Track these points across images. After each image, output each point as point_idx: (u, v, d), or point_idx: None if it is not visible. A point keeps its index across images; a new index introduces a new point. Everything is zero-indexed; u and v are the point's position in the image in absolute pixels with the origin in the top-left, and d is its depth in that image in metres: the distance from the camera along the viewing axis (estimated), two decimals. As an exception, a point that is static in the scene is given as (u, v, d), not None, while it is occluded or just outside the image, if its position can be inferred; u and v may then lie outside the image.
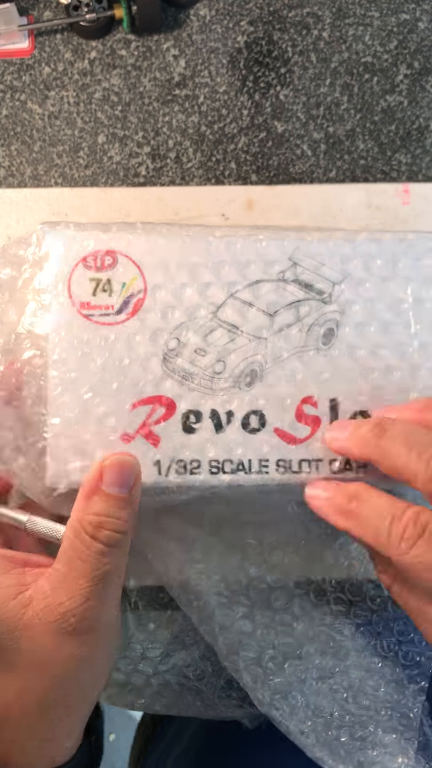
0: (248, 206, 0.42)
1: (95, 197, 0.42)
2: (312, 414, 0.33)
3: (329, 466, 0.33)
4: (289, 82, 0.43)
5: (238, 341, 0.33)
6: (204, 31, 0.43)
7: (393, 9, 0.44)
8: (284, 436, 0.33)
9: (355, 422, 0.31)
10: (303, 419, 0.33)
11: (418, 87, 0.43)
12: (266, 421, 0.33)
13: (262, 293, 0.33)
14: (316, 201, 0.42)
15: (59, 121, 0.42)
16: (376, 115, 0.43)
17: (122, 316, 0.32)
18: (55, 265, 0.32)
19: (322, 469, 0.32)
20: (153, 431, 0.32)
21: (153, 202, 0.42)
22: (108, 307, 0.32)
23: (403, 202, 0.42)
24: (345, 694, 0.37)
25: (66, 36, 0.43)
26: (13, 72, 0.42)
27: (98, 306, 0.32)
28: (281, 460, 0.32)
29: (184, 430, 0.32)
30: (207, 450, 0.32)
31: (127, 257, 0.33)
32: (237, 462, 0.32)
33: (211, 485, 0.32)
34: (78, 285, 0.32)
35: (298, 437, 0.33)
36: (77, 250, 0.33)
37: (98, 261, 0.33)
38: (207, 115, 0.43)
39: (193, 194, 0.42)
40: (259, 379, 0.33)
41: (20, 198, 0.42)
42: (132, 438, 0.32)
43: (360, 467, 0.32)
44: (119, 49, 0.43)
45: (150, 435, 0.32)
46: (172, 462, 0.32)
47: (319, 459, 0.33)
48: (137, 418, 0.32)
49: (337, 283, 0.34)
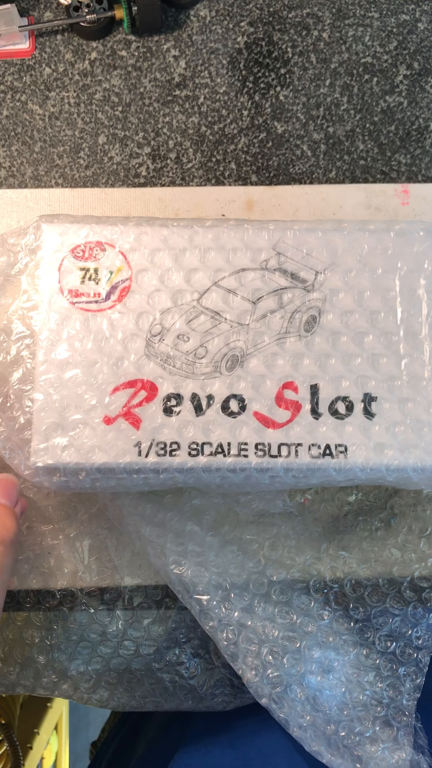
0: (248, 207, 0.42)
1: (96, 198, 0.42)
2: (292, 399, 0.33)
3: (308, 451, 0.33)
4: (289, 83, 0.43)
5: (221, 327, 0.34)
6: (204, 32, 0.43)
7: (393, 10, 0.44)
8: (264, 420, 0.33)
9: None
10: (283, 404, 0.33)
11: (418, 87, 0.43)
12: (246, 405, 0.33)
13: (245, 281, 0.34)
14: (316, 201, 0.42)
15: (60, 122, 0.42)
16: (376, 115, 0.43)
17: (108, 303, 0.34)
18: (46, 255, 0.34)
19: (301, 454, 0.33)
20: (134, 413, 0.33)
21: (153, 202, 0.42)
22: (95, 294, 0.34)
23: (403, 203, 0.43)
24: (343, 689, 0.37)
25: (66, 37, 0.43)
26: (13, 73, 0.42)
27: (85, 293, 0.34)
28: (260, 443, 0.33)
29: (164, 413, 0.33)
30: (187, 432, 0.33)
31: (114, 247, 0.34)
32: (216, 445, 0.33)
33: (189, 467, 0.33)
34: (67, 273, 0.34)
35: (277, 422, 0.33)
36: (68, 240, 0.34)
37: (87, 251, 0.34)
38: (207, 116, 0.43)
39: (193, 195, 0.42)
40: (240, 365, 0.34)
41: (21, 198, 0.42)
42: (113, 419, 0.33)
43: (340, 453, 0.33)
44: (120, 50, 0.43)
45: (131, 417, 0.33)
46: (152, 443, 0.33)
47: (299, 444, 0.33)
48: (119, 400, 0.33)
49: (321, 271, 0.34)
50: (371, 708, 0.37)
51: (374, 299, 0.34)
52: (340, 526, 0.39)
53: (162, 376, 0.33)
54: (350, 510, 0.40)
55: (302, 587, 0.38)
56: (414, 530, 0.39)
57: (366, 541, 0.39)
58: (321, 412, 0.33)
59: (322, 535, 0.39)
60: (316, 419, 0.33)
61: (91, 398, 0.33)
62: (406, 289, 0.34)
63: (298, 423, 0.33)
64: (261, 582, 0.38)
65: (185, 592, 0.36)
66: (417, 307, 0.34)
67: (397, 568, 0.39)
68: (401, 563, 0.39)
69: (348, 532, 0.39)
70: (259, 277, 0.34)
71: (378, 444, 0.33)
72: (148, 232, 0.34)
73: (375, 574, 0.39)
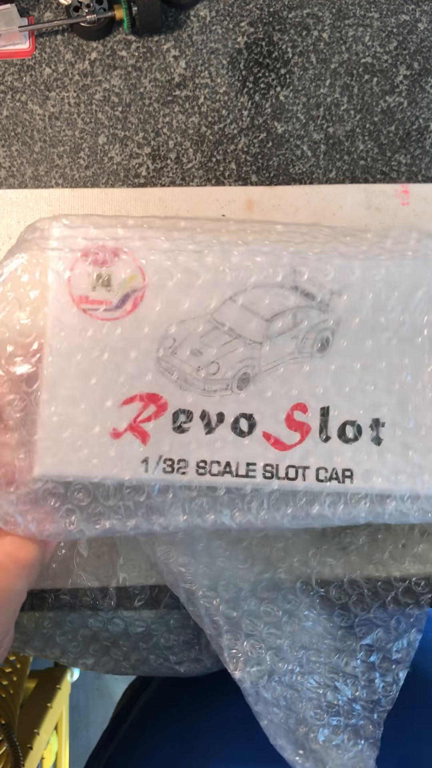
0: (248, 207, 0.42)
1: (96, 198, 0.42)
2: (302, 421, 0.33)
3: (315, 473, 0.32)
4: (289, 83, 0.43)
5: (234, 344, 0.33)
6: (204, 32, 0.43)
7: (393, 10, 0.44)
8: (273, 441, 0.33)
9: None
10: (293, 425, 0.33)
11: (418, 88, 0.43)
12: (256, 425, 0.33)
13: (260, 298, 0.33)
14: (316, 201, 0.42)
15: (60, 122, 0.42)
16: (376, 115, 0.43)
17: (120, 312, 0.32)
18: (56, 258, 0.32)
19: (309, 477, 0.32)
20: (143, 428, 0.32)
21: (153, 202, 0.42)
22: (107, 302, 0.32)
23: (403, 203, 0.43)
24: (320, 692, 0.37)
25: (66, 37, 0.43)
26: (13, 73, 0.42)
27: (97, 301, 0.32)
28: (268, 465, 0.32)
29: (173, 429, 0.32)
30: (195, 450, 0.32)
31: (128, 254, 0.33)
32: (224, 464, 0.32)
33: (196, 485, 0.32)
34: (78, 279, 0.32)
35: (287, 443, 0.33)
36: (78, 243, 0.33)
37: (99, 256, 0.33)
38: (207, 116, 0.43)
39: (193, 195, 0.42)
40: (252, 383, 0.33)
41: (21, 198, 0.42)
42: (121, 434, 0.32)
43: (347, 477, 0.32)
44: (120, 50, 0.43)
45: (139, 431, 0.32)
46: (160, 460, 0.32)
47: (306, 466, 0.32)
48: (128, 414, 0.32)
49: (336, 292, 0.33)
50: (343, 715, 0.37)
51: (389, 323, 0.33)
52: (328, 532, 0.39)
53: (173, 390, 0.32)
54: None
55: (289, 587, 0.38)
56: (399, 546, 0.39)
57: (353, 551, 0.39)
58: (330, 435, 0.33)
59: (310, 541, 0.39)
60: (325, 442, 0.33)
61: (99, 410, 0.32)
62: (421, 315, 0.34)
63: (307, 445, 0.32)
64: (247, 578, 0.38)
65: (172, 580, 0.35)
66: (429, 344, 0.33)
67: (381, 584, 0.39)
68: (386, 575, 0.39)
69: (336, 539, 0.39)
70: (274, 294, 0.33)
71: (386, 469, 0.33)
72: (165, 241, 0.33)
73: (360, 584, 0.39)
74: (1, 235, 0.42)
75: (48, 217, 0.33)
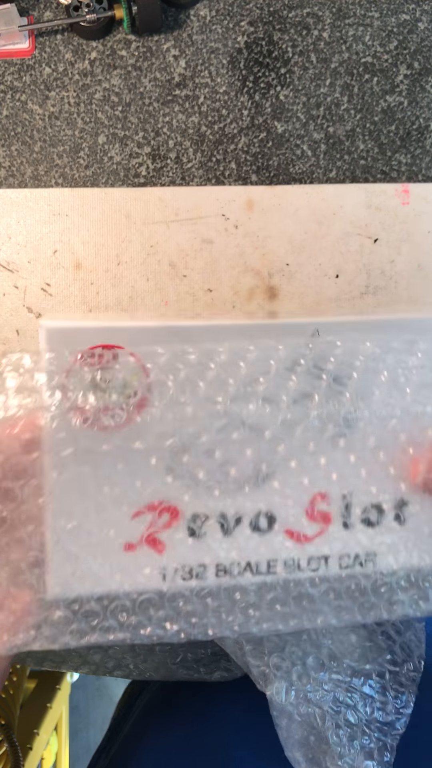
0: (248, 206, 0.42)
1: (96, 198, 0.42)
2: (323, 510, 0.31)
3: (338, 561, 0.31)
4: (289, 83, 0.43)
5: (247, 439, 0.31)
6: (204, 32, 0.43)
7: (393, 9, 0.44)
8: (294, 535, 0.31)
9: None
10: (314, 517, 0.31)
11: (418, 87, 0.43)
12: (276, 521, 0.31)
13: (273, 387, 0.31)
14: (316, 201, 0.42)
15: (60, 122, 0.42)
16: (376, 115, 0.43)
17: (123, 418, 0.30)
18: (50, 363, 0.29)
19: (331, 565, 0.31)
20: (157, 538, 0.30)
21: (153, 202, 0.42)
22: (107, 408, 0.29)
23: (403, 203, 0.42)
24: (340, 709, 0.37)
25: (66, 36, 0.43)
26: (13, 72, 0.42)
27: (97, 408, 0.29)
28: (290, 559, 0.31)
29: (189, 536, 0.30)
30: (213, 554, 0.31)
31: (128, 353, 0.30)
32: (244, 564, 0.31)
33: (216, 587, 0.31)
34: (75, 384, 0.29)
35: (308, 535, 0.31)
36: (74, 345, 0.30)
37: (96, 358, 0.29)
38: (207, 116, 0.43)
39: (193, 194, 0.42)
40: (270, 478, 0.31)
41: (21, 198, 0.42)
42: (135, 546, 0.30)
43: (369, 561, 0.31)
44: (119, 50, 0.43)
45: (154, 542, 0.30)
46: (178, 568, 0.30)
47: (328, 555, 0.31)
48: (140, 526, 0.30)
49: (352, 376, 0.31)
50: (359, 735, 0.37)
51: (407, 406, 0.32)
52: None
53: (186, 496, 0.30)
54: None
55: None
56: None
57: None
58: (352, 522, 0.31)
59: None
60: (347, 529, 0.31)
61: (110, 525, 0.30)
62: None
63: (329, 535, 0.31)
64: None
65: None
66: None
67: None
68: None
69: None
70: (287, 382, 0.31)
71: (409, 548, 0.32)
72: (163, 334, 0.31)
73: None
74: (1, 234, 0.42)
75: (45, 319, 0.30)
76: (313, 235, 0.42)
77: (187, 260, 0.42)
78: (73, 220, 0.42)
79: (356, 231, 0.43)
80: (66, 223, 0.42)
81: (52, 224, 0.42)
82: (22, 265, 0.42)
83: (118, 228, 0.42)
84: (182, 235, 0.42)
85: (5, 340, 0.41)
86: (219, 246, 0.42)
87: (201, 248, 0.42)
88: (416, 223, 0.42)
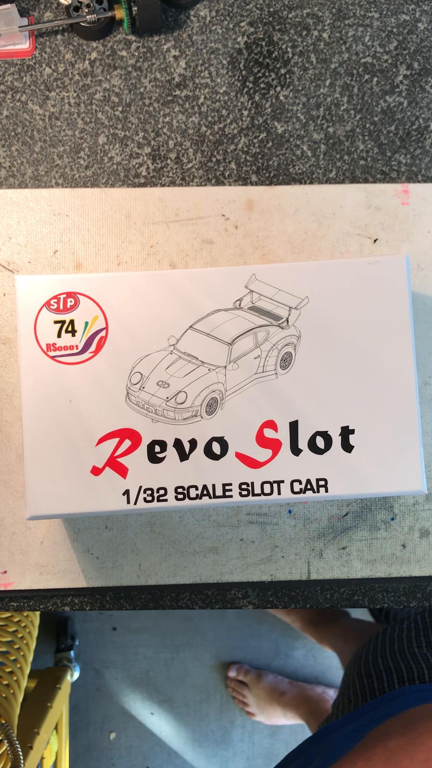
0: (248, 206, 0.42)
1: (96, 198, 0.42)
2: (272, 437, 0.34)
3: (290, 486, 0.34)
4: (289, 83, 0.43)
5: (199, 371, 0.35)
6: (204, 32, 0.43)
7: (393, 10, 0.44)
8: (246, 460, 0.34)
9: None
10: (264, 443, 0.34)
11: (418, 88, 0.43)
12: (228, 447, 0.34)
13: (219, 323, 0.35)
14: (316, 201, 0.42)
15: (60, 122, 0.42)
16: (376, 115, 0.43)
17: (86, 355, 0.35)
18: (23, 311, 0.35)
19: (284, 491, 0.34)
20: (120, 462, 0.34)
21: (153, 202, 0.42)
22: (72, 347, 0.35)
23: (403, 203, 0.43)
24: None
25: (67, 37, 0.43)
26: (13, 73, 0.42)
27: (63, 347, 0.35)
28: (243, 483, 0.34)
29: (149, 460, 0.34)
30: (172, 477, 0.34)
31: (88, 297, 0.35)
32: (201, 487, 0.34)
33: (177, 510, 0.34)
34: (43, 327, 0.35)
35: (259, 461, 0.34)
36: (41, 294, 0.35)
37: (61, 303, 0.35)
38: (207, 116, 0.43)
39: (193, 195, 0.42)
40: (221, 407, 0.35)
41: (21, 198, 0.42)
42: (101, 470, 0.34)
43: (321, 486, 0.34)
44: (120, 50, 0.43)
45: (118, 466, 0.34)
46: (140, 491, 0.34)
47: (281, 480, 0.34)
48: (105, 451, 0.34)
49: (294, 307, 0.35)
50: None
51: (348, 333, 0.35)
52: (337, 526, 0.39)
53: (145, 423, 0.34)
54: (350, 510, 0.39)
55: None
56: None
57: None
58: (301, 448, 0.34)
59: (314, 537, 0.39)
60: (297, 456, 0.34)
61: (78, 451, 0.34)
62: (378, 322, 0.35)
63: (279, 461, 0.34)
64: None
65: None
66: (389, 338, 0.35)
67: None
68: None
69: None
70: (233, 317, 0.35)
71: (357, 475, 0.34)
72: (119, 280, 0.35)
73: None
74: (1, 235, 0.42)
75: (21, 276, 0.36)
76: (312, 235, 0.42)
77: (187, 260, 0.42)
78: (73, 220, 0.42)
79: (356, 231, 0.43)
80: (66, 223, 0.42)
81: (52, 224, 0.42)
82: (23, 265, 0.42)
83: (118, 228, 0.42)
84: (182, 235, 0.42)
85: (5, 340, 0.41)
86: (219, 246, 0.42)
87: (201, 248, 0.42)
88: (416, 223, 0.42)
